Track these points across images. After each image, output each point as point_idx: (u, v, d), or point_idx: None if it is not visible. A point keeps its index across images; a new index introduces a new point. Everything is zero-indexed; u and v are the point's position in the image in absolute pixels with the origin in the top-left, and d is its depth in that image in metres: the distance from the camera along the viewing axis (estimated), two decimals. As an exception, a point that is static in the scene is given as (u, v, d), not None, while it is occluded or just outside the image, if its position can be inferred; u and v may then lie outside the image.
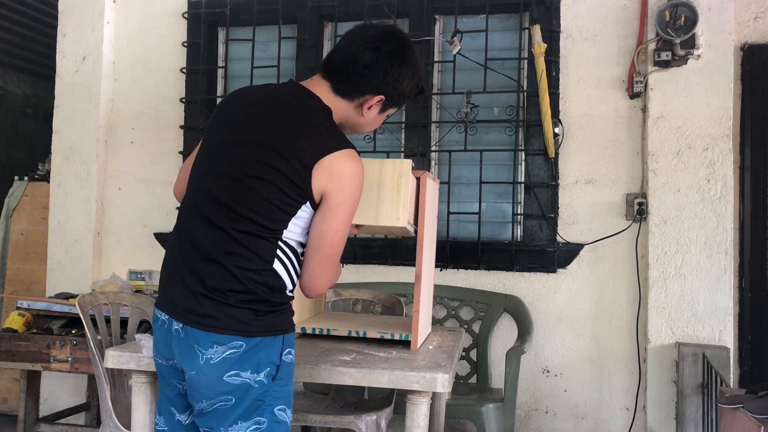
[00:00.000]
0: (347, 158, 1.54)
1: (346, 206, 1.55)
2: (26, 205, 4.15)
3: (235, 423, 1.51)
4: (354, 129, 1.72)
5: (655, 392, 3.20)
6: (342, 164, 1.53)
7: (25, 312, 3.23)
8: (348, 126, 1.70)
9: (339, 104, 1.64)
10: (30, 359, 3.00)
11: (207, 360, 1.49)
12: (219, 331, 1.49)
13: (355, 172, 1.55)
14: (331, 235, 1.56)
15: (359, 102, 1.65)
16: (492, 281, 3.50)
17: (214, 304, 1.50)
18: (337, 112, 1.65)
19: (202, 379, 1.51)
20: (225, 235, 1.51)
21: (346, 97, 1.64)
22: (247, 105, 1.65)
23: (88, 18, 3.96)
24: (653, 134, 3.25)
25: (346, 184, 1.53)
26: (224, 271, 1.50)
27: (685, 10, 3.17)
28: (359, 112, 1.66)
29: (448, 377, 1.77)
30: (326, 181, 1.52)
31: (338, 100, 1.64)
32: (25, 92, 5.26)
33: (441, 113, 3.65)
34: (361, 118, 1.68)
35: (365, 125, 1.72)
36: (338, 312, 2.96)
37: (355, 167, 1.55)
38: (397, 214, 1.90)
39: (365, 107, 1.65)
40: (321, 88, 1.64)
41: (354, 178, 1.55)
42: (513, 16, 3.60)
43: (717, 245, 3.16)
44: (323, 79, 1.65)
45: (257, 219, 1.51)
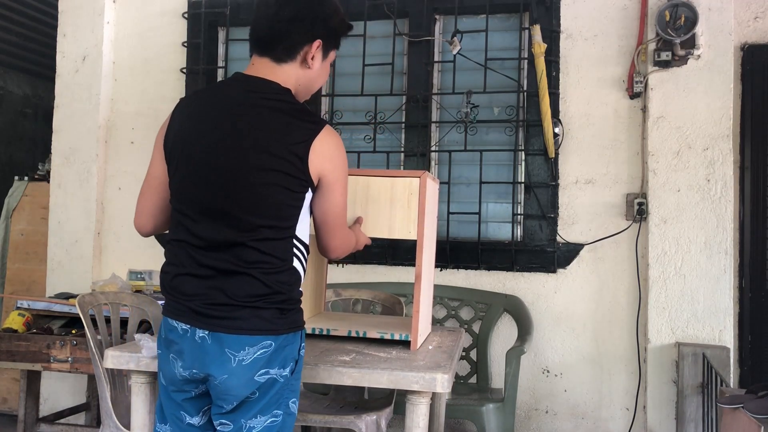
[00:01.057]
0: (330, 136, 1.59)
1: (342, 180, 1.62)
2: (26, 205, 4.15)
3: (255, 416, 1.53)
4: (308, 88, 1.69)
5: (655, 392, 3.20)
6: (329, 143, 1.58)
7: (25, 312, 3.23)
8: (303, 89, 1.68)
9: (287, 71, 1.62)
10: (30, 359, 3.00)
11: (239, 362, 1.51)
12: (250, 332, 1.51)
13: (339, 146, 1.61)
14: (333, 210, 1.63)
15: (302, 57, 1.62)
16: (492, 281, 3.50)
17: (243, 309, 1.52)
18: (291, 80, 1.63)
19: (234, 381, 1.52)
20: (245, 248, 1.52)
21: (289, 59, 1.62)
22: (208, 115, 1.59)
23: (88, 18, 3.96)
24: (653, 134, 3.25)
25: (337, 160, 1.60)
26: (251, 280, 1.52)
27: (685, 10, 3.17)
28: (305, 67, 1.64)
29: (448, 377, 1.77)
30: (321, 163, 1.56)
31: (284, 67, 1.62)
32: (25, 92, 5.26)
33: (441, 113, 3.65)
34: (309, 72, 1.65)
35: (315, 79, 1.69)
36: (338, 312, 2.96)
37: (338, 141, 1.62)
38: (408, 228, 2.05)
39: (309, 59, 1.63)
40: (266, 68, 1.62)
41: (341, 151, 1.62)
42: (513, 16, 3.60)
43: (717, 245, 3.16)
44: (262, 57, 1.63)
45: (272, 223, 1.53)
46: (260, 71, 1.62)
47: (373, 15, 3.67)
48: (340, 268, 3.64)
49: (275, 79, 1.61)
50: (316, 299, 2.44)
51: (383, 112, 3.63)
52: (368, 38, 3.68)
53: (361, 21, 3.67)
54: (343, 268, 3.65)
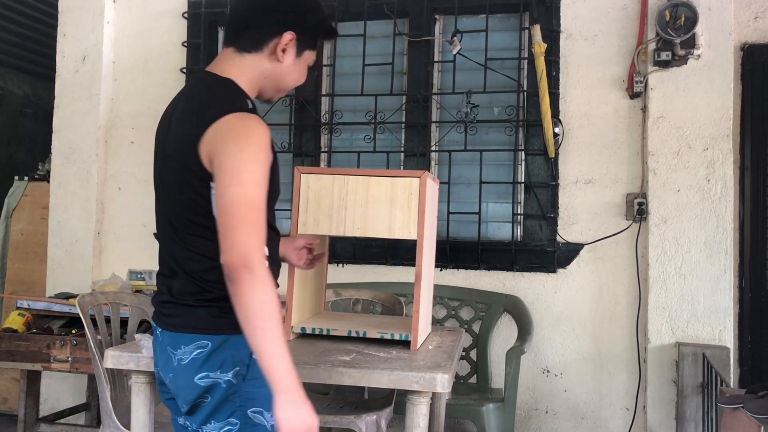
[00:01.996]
0: (228, 120, 1.44)
1: (229, 165, 1.41)
2: (26, 205, 4.15)
3: (208, 422, 1.49)
4: (277, 84, 1.62)
5: (655, 392, 3.20)
6: (223, 127, 1.44)
7: (25, 312, 3.23)
8: (270, 84, 1.61)
9: (247, 62, 1.57)
10: (30, 359, 3.00)
11: (179, 361, 1.51)
12: (183, 330, 1.51)
13: (234, 129, 1.43)
14: (220, 200, 1.42)
15: (271, 48, 1.56)
16: (492, 281, 3.50)
17: (180, 307, 1.52)
18: (251, 72, 1.57)
19: (178, 382, 1.51)
20: (177, 247, 1.54)
21: (255, 49, 1.56)
22: (164, 115, 1.62)
23: (88, 18, 3.96)
24: (653, 134, 3.25)
25: (227, 143, 1.42)
26: (185, 277, 1.52)
27: (685, 10, 3.17)
28: (275, 59, 1.57)
29: (448, 377, 1.77)
30: (209, 148, 1.44)
31: (246, 58, 1.57)
32: (25, 92, 5.26)
33: (441, 113, 3.65)
34: (279, 67, 1.58)
35: (287, 74, 1.61)
36: (338, 312, 2.96)
37: (237, 124, 1.44)
38: (408, 228, 2.04)
39: (279, 51, 1.56)
40: (224, 59, 1.58)
41: (235, 133, 1.43)
42: (513, 16, 3.60)
43: (717, 245, 3.16)
44: (227, 48, 1.59)
45: (193, 220, 1.50)
46: (217, 63, 1.59)
47: (373, 15, 3.67)
48: (340, 268, 3.64)
49: (230, 69, 1.56)
50: (316, 299, 2.44)
51: (383, 112, 3.63)
52: (368, 38, 3.68)
53: (361, 21, 3.68)
54: (344, 268, 3.65)
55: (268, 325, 1.36)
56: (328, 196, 2.12)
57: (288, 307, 2.15)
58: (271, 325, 1.36)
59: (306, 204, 2.15)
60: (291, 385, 1.37)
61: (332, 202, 2.12)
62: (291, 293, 2.14)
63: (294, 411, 1.36)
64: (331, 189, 2.12)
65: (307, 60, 1.65)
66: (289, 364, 1.38)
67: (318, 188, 2.14)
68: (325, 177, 2.14)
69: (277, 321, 1.37)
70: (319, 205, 2.13)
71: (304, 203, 2.15)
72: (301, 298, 2.23)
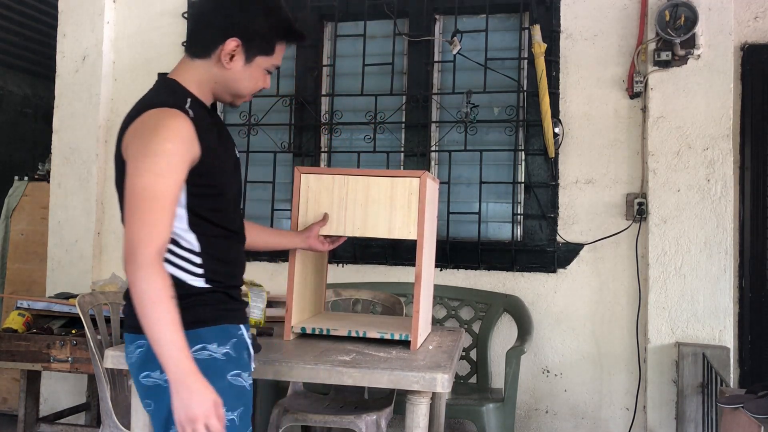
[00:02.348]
0: (146, 116, 1.46)
1: (135, 157, 1.42)
2: (26, 205, 4.15)
3: (163, 426, 1.47)
4: (227, 89, 1.60)
5: (655, 392, 3.20)
6: (139, 123, 1.46)
7: (25, 312, 3.23)
8: (223, 89, 1.60)
9: (199, 67, 1.57)
10: (30, 359, 3.00)
11: (129, 360, 1.53)
12: (128, 330, 1.53)
13: (148, 123, 1.44)
14: (126, 192, 1.42)
15: (217, 55, 1.55)
16: (492, 281, 3.50)
17: (126, 305, 1.54)
18: (200, 77, 1.57)
19: (134, 381, 1.53)
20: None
21: (202, 54, 1.56)
22: None
23: (88, 18, 3.96)
24: (653, 134, 3.25)
25: (137, 138, 1.44)
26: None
27: (685, 10, 3.17)
28: (221, 66, 1.56)
29: (448, 377, 1.77)
30: (126, 144, 1.46)
31: (196, 63, 1.58)
32: (25, 92, 5.26)
33: (441, 113, 3.65)
34: (227, 73, 1.56)
35: (237, 80, 1.58)
36: (338, 312, 2.96)
37: (151, 119, 1.44)
38: (408, 228, 2.05)
39: (224, 58, 1.54)
40: (180, 64, 1.61)
41: (146, 126, 1.44)
42: (513, 16, 3.60)
43: (717, 245, 3.16)
44: (185, 52, 1.61)
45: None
46: (175, 68, 1.62)
47: (373, 15, 3.67)
48: (340, 268, 3.64)
49: (181, 72, 1.58)
50: (316, 299, 2.44)
51: (383, 112, 3.63)
52: (368, 38, 3.68)
53: (361, 21, 3.68)
54: (343, 268, 3.65)
55: (153, 313, 1.36)
56: (328, 196, 2.13)
57: (288, 307, 2.15)
58: (157, 313, 1.36)
59: (306, 204, 2.15)
60: (181, 372, 1.35)
61: (332, 202, 2.12)
62: (291, 293, 2.14)
63: (186, 400, 1.35)
64: (331, 189, 2.13)
65: (263, 65, 1.60)
66: (179, 352, 1.36)
67: (318, 188, 2.14)
68: (325, 177, 2.14)
69: (165, 309, 1.36)
70: (319, 205, 2.14)
71: (304, 203, 2.15)
72: (301, 298, 2.23)
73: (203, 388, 1.36)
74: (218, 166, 1.54)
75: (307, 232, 2.09)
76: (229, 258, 1.60)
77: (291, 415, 2.46)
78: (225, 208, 1.58)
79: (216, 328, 1.52)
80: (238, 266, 1.66)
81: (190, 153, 1.46)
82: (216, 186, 1.54)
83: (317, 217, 2.14)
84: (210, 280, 1.54)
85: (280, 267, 3.72)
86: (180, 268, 1.51)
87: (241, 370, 1.54)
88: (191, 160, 1.46)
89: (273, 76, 3.95)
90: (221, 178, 1.56)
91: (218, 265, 1.56)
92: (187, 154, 1.45)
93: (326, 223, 2.11)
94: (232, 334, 1.54)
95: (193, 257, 1.53)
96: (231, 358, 1.52)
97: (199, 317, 1.50)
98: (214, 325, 1.52)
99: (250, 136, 3.79)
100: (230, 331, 1.54)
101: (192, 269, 1.52)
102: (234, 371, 1.52)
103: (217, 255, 1.56)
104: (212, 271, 1.54)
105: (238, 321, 1.59)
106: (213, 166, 1.52)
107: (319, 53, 3.81)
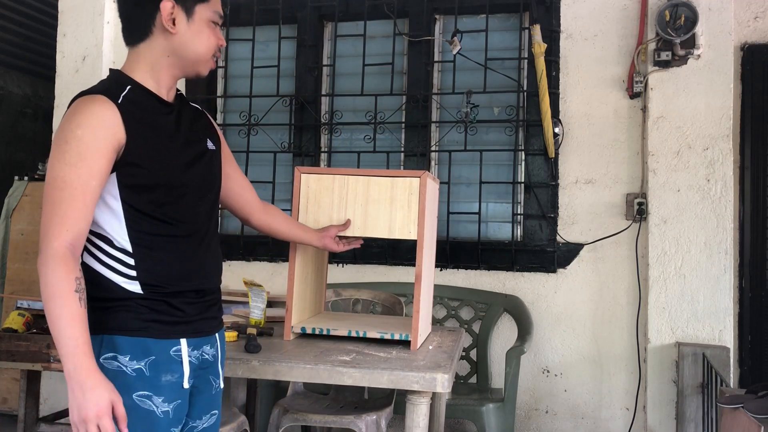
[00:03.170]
0: (71, 106, 1.41)
1: (54, 147, 1.36)
2: (26, 205, 4.15)
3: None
4: (184, 55, 1.51)
5: (655, 392, 3.20)
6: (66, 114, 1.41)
7: (25, 312, 3.22)
8: (180, 59, 1.51)
9: (144, 50, 1.50)
10: (30, 359, 2.99)
11: None
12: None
13: (70, 112, 1.39)
14: (45, 185, 1.37)
15: (159, 27, 1.48)
16: (492, 281, 3.50)
17: None
18: (148, 58, 1.49)
19: None
20: None
21: (144, 35, 1.49)
22: None
23: (88, 18, 3.96)
24: (653, 134, 3.25)
25: (59, 129, 1.39)
26: None
27: (685, 10, 3.17)
28: (168, 35, 1.48)
29: (448, 377, 1.77)
30: None
31: (141, 47, 1.50)
32: (25, 92, 5.25)
33: (441, 113, 3.65)
34: (175, 39, 1.48)
35: (188, 42, 1.50)
36: (338, 312, 2.96)
37: (73, 109, 1.39)
38: (408, 228, 2.05)
39: (167, 24, 1.46)
40: (127, 58, 1.53)
41: (67, 117, 1.38)
42: (513, 16, 3.60)
43: (717, 245, 3.16)
44: (128, 49, 1.54)
45: None
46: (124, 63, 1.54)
47: (373, 15, 3.67)
48: (340, 268, 3.64)
49: (127, 64, 1.52)
50: (316, 299, 2.44)
51: (383, 112, 3.63)
52: (368, 38, 3.68)
53: (361, 21, 3.68)
54: (343, 268, 3.65)
55: (55, 307, 1.28)
56: (328, 196, 2.13)
57: (288, 307, 2.15)
58: (58, 308, 1.28)
59: (306, 204, 2.15)
60: (76, 370, 1.27)
61: (332, 202, 2.12)
62: (291, 293, 2.14)
63: (79, 399, 1.27)
64: (331, 189, 2.13)
65: (206, 16, 1.52)
66: (76, 348, 1.27)
67: (318, 188, 2.14)
68: (325, 177, 2.14)
69: (62, 304, 1.28)
70: (319, 205, 2.14)
71: (304, 203, 2.15)
72: (301, 298, 2.23)
73: (98, 386, 1.27)
74: (156, 156, 1.44)
75: (324, 232, 2.09)
76: (175, 258, 1.46)
77: (291, 415, 2.46)
78: (170, 203, 1.46)
79: (134, 340, 1.39)
80: (192, 266, 1.50)
81: (109, 140, 1.36)
82: (153, 176, 1.43)
83: (317, 216, 2.14)
84: (145, 284, 1.42)
85: (280, 267, 3.72)
86: (110, 268, 1.41)
87: (152, 393, 1.40)
88: (113, 148, 1.37)
89: (273, 77, 3.97)
90: (160, 169, 1.44)
91: (159, 267, 1.44)
92: (103, 141, 1.35)
93: (347, 228, 2.11)
94: (150, 351, 1.40)
95: (125, 258, 1.41)
96: (142, 377, 1.39)
97: (120, 324, 1.39)
98: (132, 336, 1.40)
99: (250, 136, 3.79)
100: (149, 347, 1.40)
101: (124, 270, 1.41)
102: (142, 391, 1.39)
103: (158, 255, 1.44)
104: (149, 274, 1.42)
105: (174, 335, 1.45)
106: (147, 156, 1.42)
107: (319, 53, 3.81)
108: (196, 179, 1.54)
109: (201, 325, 1.52)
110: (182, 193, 1.49)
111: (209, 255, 1.55)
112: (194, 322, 1.50)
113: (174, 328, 1.45)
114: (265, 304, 2.41)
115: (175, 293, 1.46)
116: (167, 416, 1.42)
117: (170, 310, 1.45)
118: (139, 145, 1.41)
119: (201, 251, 1.53)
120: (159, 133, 1.47)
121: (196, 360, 1.50)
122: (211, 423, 1.59)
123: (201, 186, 1.55)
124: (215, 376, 1.59)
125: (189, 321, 1.48)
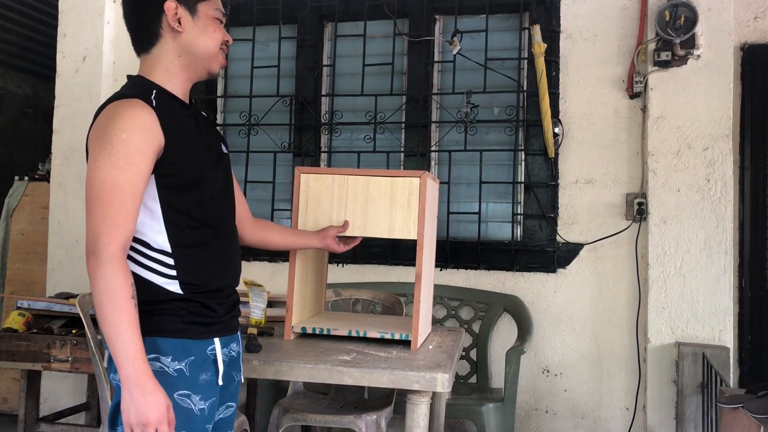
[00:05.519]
0: (105, 110, 1.43)
1: (94, 152, 1.38)
2: (26, 205, 4.15)
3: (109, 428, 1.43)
4: (197, 52, 1.54)
5: (655, 392, 3.20)
6: (99, 117, 1.43)
7: (25, 312, 3.23)
8: (191, 57, 1.54)
9: (157, 53, 1.53)
10: (30, 359, 3.00)
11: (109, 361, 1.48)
12: None
13: (106, 116, 1.40)
14: (87, 188, 1.38)
15: (167, 29, 1.51)
16: (492, 281, 3.50)
17: None
18: (163, 61, 1.52)
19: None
20: None
21: (155, 40, 1.52)
22: None
23: (88, 18, 3.96)
24: (653, 134, 3.25)
25: (96, 130, 1.41)
26: None
27: (685, 10, 3.17)
28: (176, 35, 1.51)
29: (448, 377, 1.77)
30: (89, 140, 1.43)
31: (153, 53, 1.53)
32: (25, 92, 5.26)
33: (441, 113, 3.65)
34: (183, 37, 1.51)
35: (197, 38, 1.53)
36: (338, 312, 2.96)
37: (109, 113, 1.40)
38: (408, 228, 2.05)
39: (173, 24, 1.50)
40: (141, 64, 1.57)
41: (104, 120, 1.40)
42: (513, 16, 3.60)
43: (717, 245, 3.16)
44: (139, 58, 1.58)
45: None
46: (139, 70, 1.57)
47: (373, 15, 3.67)
48: (340, 268, 3.64)
49: (144, 69, 1.54)
50: (316, 299, 2.44)
51: (383, 112, 3.63)
52: (368, 38, 3.68)
53: (361, 21, 3.68)
54: (343, 268, 3.65)
55: (113, 312, 1.31)
56: (328, 196, 2.13)
57: (288, 307, 2.15)
58: (113, 312, 1.31)
59: (306, 204, 2.15)
60: (133, 375, 1.31)
61: (332, 201, 2.13)
62: (291, 293, 2.15)
63: (138, 402, 1.30)
64: (331, 189, 2.13)
65: (209, 13, 1.55)
66: (133, 353, 1.31)
67: (318, 188, 2.14)
68: (325, 177, 2.14)
69: (121, 309, 1.31)
70: (319, 205, 2.14)
71: (304, 203, 2.15)
72: (301, 298, 2.24)
73: (156, 391, 1.32)
74: (191, 156, 1.48)
75: (324, 233, 2.10)
76: (211, 258, 1.51)
77: (291, 415, 2.46)
78: (205, 202, 1.50)
79: (175, 341, 1.44)
80: (223, 265, 1.55)
81: (152, 143, 1.40)
82: (189, 176, 1.47)
83: (317, 216, 2.14)
84: (185, 283, 1.46)
85: (280, 267, 3.72)
86: (151, 270, 1.44)
87: (191, 392, 1.44)
88: (155, 150, 1.40)
89: (272, 77, 3.97)
90: (195, 169, 1.49)
91: (196, 266, 1.48)
92: (147, 144, 1.39)
93: (345, 229, 2.11)
94: (190, 351, 1.45)
95: (165, 258, 1.45)
96: (183, 377, 1.44)
97: (161, 326, 1.43)
98: (173, 338, 1.44)
99: (250, 136, 3.78)
100: (189, 348, 1.45)
101: (164, 271, 1.45)
102: (183, 390, 1.43)
103: (196, 254, 1.48)
104: (188, 273, 1.46)
105: (210, 335, 1.50)
106: (183, 157, 1.46)
107: (319, 53, 3.81)
108: (221, 180, 1.59)
109: (229, 323, 1.58)
110: (212, 194, 1.53)
111: (237, 254, 1.61)
112: (224, 322, 1.55)
113: (209, 328, 1.50)
114: (266, 304, 2.41)
115: (209, 292, 1.50)
116: (203, 413, 1.47)
117: (205, 310, 1.49)
118: (175, 147, 1.44)
119: (232, 250, 1.59)
120: (189, 134, 1.51)
121: (226, 357, 1.55)
122: (228, 414, 1.63)
123: (225, 187, 1.61)
124: (237, 371, 1.64)
125: (220, 321, 1.53)
